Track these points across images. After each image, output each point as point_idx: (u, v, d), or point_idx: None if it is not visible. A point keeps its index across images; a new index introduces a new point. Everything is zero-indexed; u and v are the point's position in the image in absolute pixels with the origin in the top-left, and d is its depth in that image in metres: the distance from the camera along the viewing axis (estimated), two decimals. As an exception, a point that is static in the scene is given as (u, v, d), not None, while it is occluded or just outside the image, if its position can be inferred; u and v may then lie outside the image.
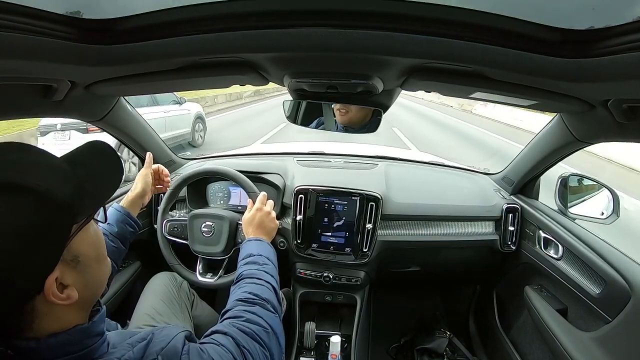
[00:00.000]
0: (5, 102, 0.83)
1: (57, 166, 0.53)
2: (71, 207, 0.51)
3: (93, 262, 0.57)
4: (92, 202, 0.56)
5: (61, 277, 0.51)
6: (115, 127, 1.31)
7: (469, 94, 0.87)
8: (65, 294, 0.51)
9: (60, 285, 0.51)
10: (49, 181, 0.49)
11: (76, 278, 0.53)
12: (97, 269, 0.59)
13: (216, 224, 1.35)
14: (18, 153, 0.51)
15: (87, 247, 0.56)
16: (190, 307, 1.31)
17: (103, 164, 0.61)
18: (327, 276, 1.48)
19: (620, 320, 1.00)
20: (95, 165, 0.59)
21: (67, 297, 0.52)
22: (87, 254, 0.56)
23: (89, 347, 0.55)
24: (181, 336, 0.64)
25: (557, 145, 1.23)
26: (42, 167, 0.51)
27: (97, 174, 0.58)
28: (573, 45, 0.57)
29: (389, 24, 0.59)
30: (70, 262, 0.53)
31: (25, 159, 0.51)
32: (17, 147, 0.52)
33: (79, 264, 0.54)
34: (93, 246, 0.58)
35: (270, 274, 0.94)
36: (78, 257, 0.54)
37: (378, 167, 1.66)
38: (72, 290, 0.53)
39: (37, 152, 0.53)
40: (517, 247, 1.50)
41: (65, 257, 0.51)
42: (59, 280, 0.51)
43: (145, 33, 0.66)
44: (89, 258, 0.56)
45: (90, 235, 0.57)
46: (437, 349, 1.70)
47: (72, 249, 0.53)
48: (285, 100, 1.10)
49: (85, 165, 0.57)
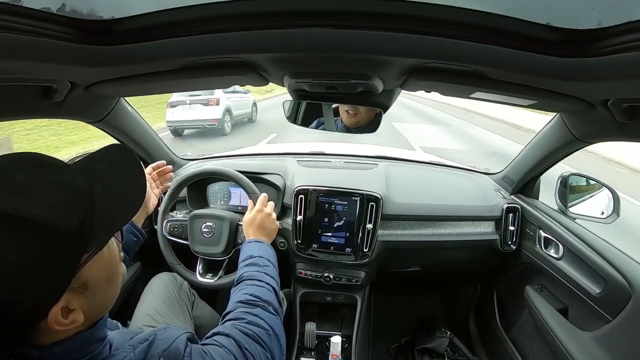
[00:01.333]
0: (5, 103, 0.83)
1: (69, 185, 0.48)
2: (80, 236, 0.47)
3: (104, 284, 0.54)
4: (107, 228, 0.51)
5: (67, 303, 0.49)
6: (116, 128, 1.31)
7: (469, 94, 0.87)
8: (70, 319, 0.49)
9: (66, 310, 0.49)
10: (55, 209, 0.45)
11: (84, 302, 0.51)
12: (107, 289, 0.56)
13: (216, 224, 1.35)
14: (28, 171, 0.47)
15: (98, 271, 0.52)
16: (190, 308, 1.31)
17: (124, 179, 0.55)
18: (327, 276, 1.48)
19: (620, 320, 0.99)
20: (114, 181, 0.54)
21: (72, 321, 0.50)
22: (98, 278, 0.53)
23: (92, 353, 0.54)
24: (183, 338, 0.63)
25: (557, 144, 1.23)
26: (51, 189, 0.47)
27: (116, 192, 0.53)
28: (573, 45, 0.57)
29: (389, 24, 0.59)
30: (78, 289, 0.50)
31: (34, 178, 0.46)
32: (30, 161, 0.48)
33: (87, 289, 0.51)
34: (105, 269, 0.54)
35: (271, 276, 0.94)
36: (87, 283, 0.51)
37: (378, 167, 1.66)
38: (78, 314, 0.51)
39: (49, 165, 0.49)
40: (518, 246, 1.49)
41: (72, 286, 0.49)
42: (64, 307, 0.49)
43: (145, 34, 0.66)
44: (99, 282, 0.53)
45: (104, 258, 0.53)
46: (437, 349, 1.69)
47: (82, 276, 0.49)
48: (285, 101, 1.10)
49: (103, 181, 0.52)
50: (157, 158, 1.58)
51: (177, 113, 8.54)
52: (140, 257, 1.62)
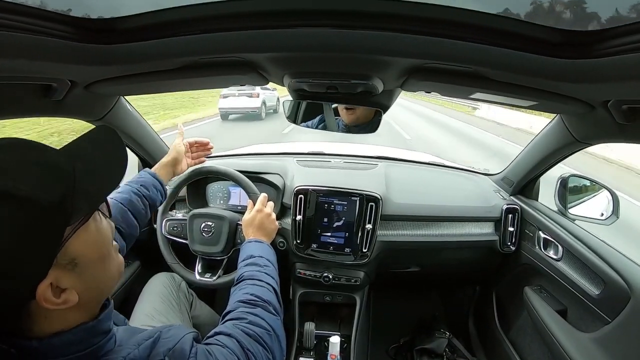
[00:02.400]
0: (4, 101, 0.83)
1: (50, 163, 0.49)
2: (61, 209, 0.47)
3: (95, 263, 0.54)
4: (89, 201, 0.52)
5: (57, 281, 0.48)
6: (115, 127, 1.31)
7: (469, 95, 0.87)
8: (62, 298, 0.49)
9: (57, 289, 0.49)
10: (34, 182, 0.46)
11: (75, 281, 0.51)
12: (100, 269, 0.56)
13: (216, 224, 1.35)
14: (7, 151, 0.47)
15: (86, 247, 0.52)
16: (189, 308, 1.30)
17: (105, 156, 0.56)
18: (326, 276, 1.48)
19: (619, 321, 0.99)
20: (95, 157, 0.54)
21: (65, 301, 0.49)
22: (87, 255, 0.52)
23: (94, 345, 0.53)
24: (189, 337, 0.63)
25: (556, 146, 1.23)
26: (30, 167, 0.47)
27: (96, 167, 0.54)
28: (573, 46, 0.57)
29: (389, 25, 0.59)
30: (67, 265, 0.50)
31: (13, 158, 0.47)
32: (9, 144, 0.49)
33: (77, 266, 0.51)
34: (94, 246, 0.54)
35: (271, 276, 0.94)
36: (75, 259, 0.51)
37: (378, 167, 1.66)
38: (71, 294, 0.50)
39: (30, 147, 0.49)
40: (517, 247, 1.49)
41: (59, 261, 0.48)
42: (54, 284, 0.48)
43: (145, 33, 0.66)
44: (89, 259, 0.53)
45: (91, 234, 0.53)
46: (436, 350, 1.69)
47: (68, 251, 0.49)
48: (285, 100, 1.10)
49: (84, 158, 0.53)
50: (156, 157, 1.58)
51: (228, 102, 11.68)
52: (139, 256, 1.62)
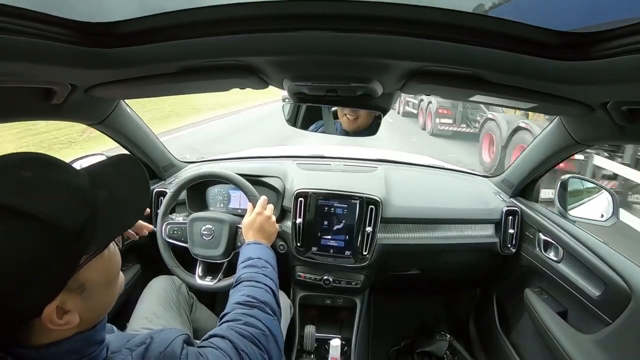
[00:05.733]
0: (4, 105, 0.83)
1: (75, 186, 0.49)
2: (82, 237, 0.48)
3: (102, 288, 0.55)
4: (108, 232, 0.52)
5: (62, 304, 0.49)
6: (115, 131, 1.31)
7: (469, 97, 0.87)
8: (64, 319, 0.49)
9: (61, 310, 0.49)
10: (60, 207, 0.46)
11: (79, 304, 0.51)
12: (105, 293, 0.56)
13: (216, 227, 1.35)
14: (34, 169, 0.47)
15: (97, 274, 0.53)
16: (189, 311, 1.30)
17: (129, 188, 0.56)
18: (327, 279, 1.48)
19: (620, 323, 0.99)
20: (120, 187, 0.55)
21: (67, 322, 0.50)
22: (96, 280, 0.53)
23: (89, 355, 0.54)
24: (179, 340, 0.63)
25: (556, 148, 1.23)
26: (57, 188, 0.47)
27: (119, 199, 0.54)
28: (572, 48, 0.57)
29: (389, 28, 0.59)
30: (76, 289, 0.50)
31: (41, 177, 0.47)
32: (36, 161, 0.49)
33: (84, 290, 0.51)
34: (104, 272, 0.55)
35: (270, 277, 0.94)
36: (85, 284, 0.51)
37: (378, 170, 1.66)
38: (73, 316, 0.50)
39: (56, 166, 0.50)
40: (517, 249, 1.49)
41: (70, 286, 0.49)
42: (59, 306, 0.49)
43: (145, 36, 0.66)
44: (97, 284, 0.53)
45: (103, 262, 0.54)
46: (437, 352, 1.69)
47: (80, 277, 0.50)
48: (285, 104, 1.10)
49: (109, 187, 0.53)
50: (156, 160, 1.59)
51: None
52: (140, 259, 1.61)
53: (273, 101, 13.99)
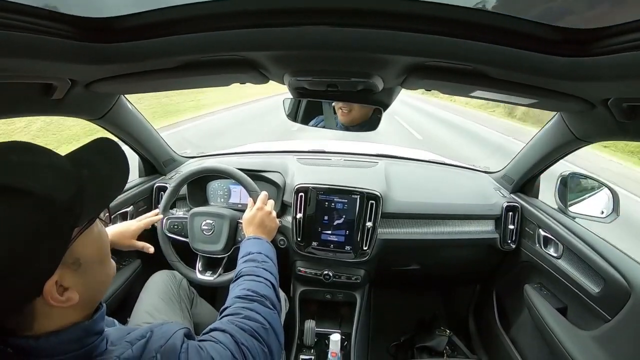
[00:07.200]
0: (5, 100, 0.83)
1: (59, 167, 0.51)
2: (72, 210, 0.50)
3: (95, 264, 0.57)
4: (95, 205, 0.55)
5: (61, 280, 0.51)
6: (116, 126, 1.31)
7: (469, 92, 0.87)
8: (65, 296, 0.51)
9: (61, 288, 0.51)
10: (49, 183, 0.48)
11: (77, 280, 0.53)
12: (99, 271, 0.59)
13: (216, 222, 1.35)
14: (19, 153, 0.49)
15: (89, 249, 0.55)
16: (190, 305, 1.31)
17: (108, 164, 0.59)
18: (327, 274, 1.49)
19: (619, 319, 1.00)
20: (100, 165, 0.57)
21: (67, 299, 0.51)
22: (90, 256, 0.55)
23: (88, 345, 0.55)
24: (180, 333, 0.64)
25: (557, 144, 1.23)
26: (43, 168, 0.49)
27: (101, 174, 0.57)
28: (573, 44, 0.57)
29: (389, 23, 0.59)
30: (72, 264, 0.52)
31: (27, 159, 0.49)
32: (19, 147, 0.50)
33: (80, 266, 0.53)
34: (96, 248, 0.57)
35: (269, 271, 0.94)
36: (80, 259, 0.53)
37: (378, 165, 1.66)
38: (73, 293, 0.52)
39: (40, 151, 0.52)
40: (517, 245, 1.50)
41: (66, 260, 0.51)
42: (59, 283, 0.50)
43: (146, 31, 0.66)
44: (91, 260, 0.56)
45: (94, 237, 0.57)
46: (436, 347, 1.70)
47: (74, 251, 0.52)
48: (285, 99, 1.10)
49: (90, 166, 0.55)
50: (157, 155, 1.59)
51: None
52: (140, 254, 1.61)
53: (279, 94, 14.06)
